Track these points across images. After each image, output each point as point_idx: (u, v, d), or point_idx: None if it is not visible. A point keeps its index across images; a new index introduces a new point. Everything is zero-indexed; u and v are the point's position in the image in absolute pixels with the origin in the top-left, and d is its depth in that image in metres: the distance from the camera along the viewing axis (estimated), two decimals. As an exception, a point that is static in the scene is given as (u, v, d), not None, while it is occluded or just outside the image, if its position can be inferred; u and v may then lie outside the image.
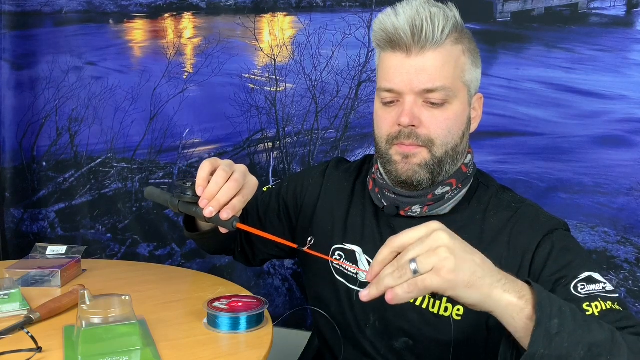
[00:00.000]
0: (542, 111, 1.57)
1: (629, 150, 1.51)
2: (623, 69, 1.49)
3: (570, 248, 0.93)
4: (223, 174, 0.89)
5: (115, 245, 2.06)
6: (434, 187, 0.98)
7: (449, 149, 0.96)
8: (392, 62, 0.95)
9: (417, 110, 0.93)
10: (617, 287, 1.55)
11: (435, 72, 0.92)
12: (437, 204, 0.99)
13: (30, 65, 2.05)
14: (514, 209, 0.99)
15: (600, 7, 1.51)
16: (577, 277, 0.88)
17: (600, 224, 1.55)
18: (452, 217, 0.99)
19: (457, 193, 1.00)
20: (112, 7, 1.98)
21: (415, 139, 0.94)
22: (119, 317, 0.85)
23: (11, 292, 1.00)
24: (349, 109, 1.76)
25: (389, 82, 0.95)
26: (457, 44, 0.95)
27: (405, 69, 0.93)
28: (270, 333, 0.94)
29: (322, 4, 1.76)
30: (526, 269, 0.93)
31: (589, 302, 0.84)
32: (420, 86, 0.92)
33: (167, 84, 1.94)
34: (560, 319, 0.69)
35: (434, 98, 0.93)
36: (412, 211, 0.99)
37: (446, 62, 0.93)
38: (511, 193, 1.04)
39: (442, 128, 0.94)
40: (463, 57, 0.95)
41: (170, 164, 1.98)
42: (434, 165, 0.95)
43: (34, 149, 2.09)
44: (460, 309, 0.95)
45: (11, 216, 2.12)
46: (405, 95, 0.94)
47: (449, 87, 0.93)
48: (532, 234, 0.94)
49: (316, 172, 1.17)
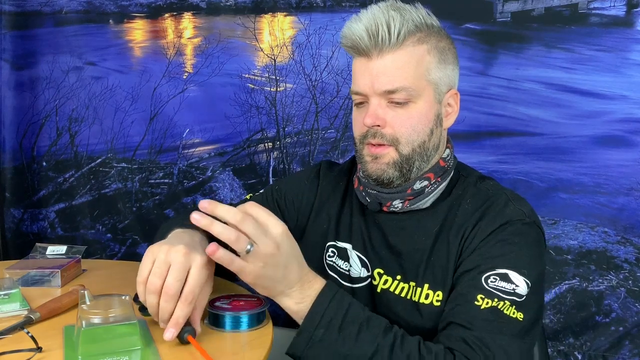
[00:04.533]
0: (542, 111, 1.57)
1: (629, 150, 1.51)
2: (623, 69, 1.50)
3: (513, 242, 0.94)
4: (154, 283, 0.82)
5: (115, 245, 2.06)
6: (411, 182, 1.00)
7: (415, 146, 0.98)
8: (357, 66, 1.00)
9: (381, 110, 0.97)
10: (617, 287, 1.55)
11: (394, 74, 0.95)
12: (417, 198, 1.01)
13: (30, 65, 2.05)
14: (487, 197, 1.00)
15: (600, 7, 1.51)
16: (494, 269, 0.91)
17: (600, 224, 1.55)
18: (434, 210, 1.02)
19: (436, 187, 1.02)
20: (112, 7, 1.98)
21: (381, 138, 0.97)
22: (119, 317, 0.85)
23: (11, 292, 1.00)
24: (349, 109, 1.76)
25: (355, 85, 1.00)
26: (420, 44, 0.97)
27: (367, 72, 0.97)
28: (270, 333, 0.94)
29: (322, 4, 1.76)
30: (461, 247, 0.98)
31: (485, 296, 0.89)
32: (381, 87, 0.96)
33: (167, 84, 1.94)
34: (326, 329, 0.84)
35: (396, 98, 0.96)
36: (394, 206, 1.02)
37: (406, 63, 0.96)
38: (492, 182, 1.05)
39: (406, 127, 0.97)
40: (428, 56, 0.98)
41: (170, 164, 1.98)
42: (402, 162, 0.98)
43: (34, 149, 2.09)
44: (439, 295, 0.98)
45: (11, 216, 2.12)
46: (369, 97, 0.98)
47: (409, 86, 0.96)
48: (491, 223, 0.96)
49: (311, 174, 1.19)
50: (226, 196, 1.94)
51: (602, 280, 1.56)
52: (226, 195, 1.94)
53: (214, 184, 1.95)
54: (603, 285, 1.56)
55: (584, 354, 1.60)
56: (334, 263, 1.09)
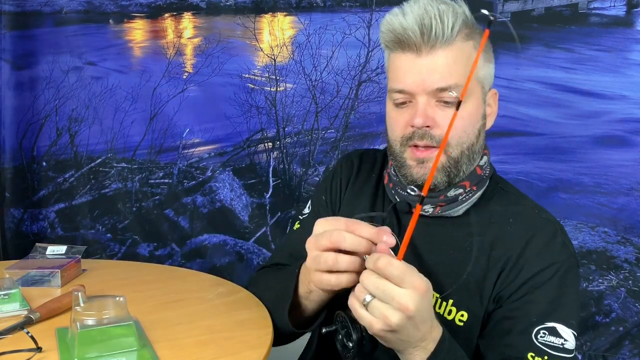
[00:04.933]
0: (542, 111, 1.57)
1: (629, 150, 1.51)
2: (623, 69, 1.49)
3: (561, 288, 0.91)
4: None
5: (115, 245, 2.06)
6: (447, 188, 0.96)
7: (464, 148, 0.93)
8: (402, 63, 0.92)
9: (430, 110, 0.91)
10: (617, 287, 1.55)
11: (447, 71, 0.90)
12: (449, 205, 0.97)
13: (30, 65, 2.05)
14: (533, 223, 0.96)
15: (600, 7, 1.51)
16: (544, 322, 0.89)
17: (600, 224, 1.55)
18: (466, 219, 0.97)
19: (471, 195, 0.97)
20: (112, 7, 1.98)
21: (430, 139, 0.91)
22: (113, 318, 0.85)
23: (11, 292, 1.00)
24: (349, 109, 1.76)
25: (400, 83, 0.92)
26: (468, 40, 0.92)
27: (417, 69, 0.90)
28: (270, 333, 0.94)
29: (322, 4, 1.76)
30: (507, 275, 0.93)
31: (535, 354, 0.87)
32: (432, 86, 0.90)
33: (167, 84, 1.94)
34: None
35: (446, 97, 0.90)
36: (424, 210, 0.97)
37: (458, 60, 0.90)
38: (530, 202, 1.01)
39: (456, 128, 0.91)
40: (474, 52, 0.92)
41: (170, 164, 1.98)
42: (450, 166, 0.93)
43: (34, 149, 2.09)
44: (464, 315, 0.94)
45: (11, 216, 2.12)
46: (417, 95, 0.91)
47: (462, 84, 0.89)
48: (539, 259, 0.92)
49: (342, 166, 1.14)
50: (226, 196, 1.94)
51: (602, 280, 1.56)
52: (226, 196, 1.94)
53: (214, 184, 1.95)
54: (603, 285, 1.56)
55: (584, 354, 1.60)
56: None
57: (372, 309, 0.73)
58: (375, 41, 1.70)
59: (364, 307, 0.74)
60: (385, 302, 0.73)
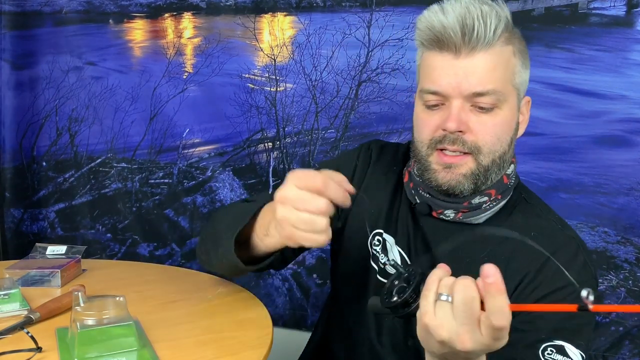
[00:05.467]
0: (542, 111, 1.57)
1: (629, 150, 1.51)
2: (623, 69, 1.49)
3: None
4: None
5: (115, 245, 2.06)
6: (472, 195, 0.92)
7: (496, 157, 0.90)
8: (439, 63, 0.88)
9: (464, 115, 0.87)
10: (617, 287, 1.55)
11: (485, 75, 0.86)
12: (472, 212, 0.94)
13: (30, 65, 2.05)
14: (555, 240, 0.92)
15: (600, 7, 1.51)
16: (552, 340, 0.85)
17: (600, 224, 1.55)
18: (487, 228, 0.95)
19: (495, 204, 0.94)
20: (112, 7, 1.98)
21: (462, 145, 0.88)
22: (113, 318, 0.85)
23: (11, 292, 1.00)
24: (349, 109, 1.76)
25: (435, 84, 0.88)
26: (508, 45, 0.89)
27: (453, 71, 0.87)
28: (270, 333, 0.94)
29: (322, 4, 1.76)
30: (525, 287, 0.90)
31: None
32: (469, 89, 0.86)
33: (167, 84, 1.94)
34: None
35: (483, 102, 0.87)
36: (445, 215, 0.95)
37: (497, 64, 0.87)
38: (554, 216, 0.98)
39: (490, 135, 0.88)
40: (514, 58, 0.90)
41: (170, 164, 1.98)
42: (479, 174, 0.90)
43: (34, 149, 2.09)
44: None
45: (11, 216, 2.12)
46: (452, 98, 0.87)
47: (500, 90, 0.87)
48: (556, 278, 0.89)
49: (361, 152, 1.10)
50: (226, 196, 1.94)
51: (602, 280, 1.56)
52: (226, 196, 1.94)
53: (213, 184, 1.95)
54: (603, 285, 1.56)
55: (584, 354, 1.60)
56: (378, 254, 1.01)
57: (441, 309, 0.66)
58: (375, 41, 1.70)
59: (434, 302, 0.66)
60: (462, 322, 0.64)
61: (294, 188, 0.77)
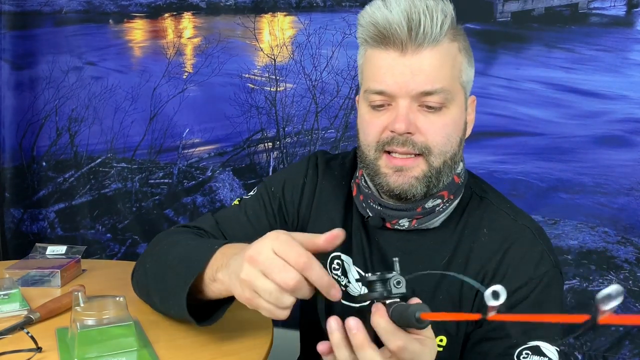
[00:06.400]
0: (542, 111, 1.57)
1: (629, 150, 1.51)
2: (623, 69, 1.49)
3: (543, 303, 0.86)
4: None
5: (115, 245, 2.06)
6: (424, 199, 0.89)
7: (447, 157, 0.86)
8: (384, 61, 0.84)
9: (412, 115, 0.83)
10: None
11: (433, 73, 0.82)
12: (426, 217, 0.90)
13: (30, 65, 2.05)
14: (508, 232, 0.89)
15: (600, 7, 1.51)
16: (526, 342, 0.83)
17: (600, 224, 1.55)
18: (443, 232, 0.91)
19: (448, 205, 0.91)
20: (112, 7, 1.98)
21: (411, 146, 0.84)
22: (113, 318, 0.85)
23: (11, 292, 1.00)
24: (348, 109, 1.76)
25: (380, 83, 0.84)
26: (454, 42, 0.86)
27: (399, 70, 0.83)
28: (270, 333, 0.94)
29: (322, 4, 1.76)
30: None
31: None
32: (417, 88, 0.82)
33: (167, 84, 1.94)
34: None
35: (431, 101, 0.83)
36: (400, 224, 0.91)
37: (444, 62, 0.84)
38: (505, 206, 0.94)
39: (440, 135, 0.85)
40: (459, 55, 0.87)
41: (170, 164, 1.98)
42: (431, 176, 0.86)
43: (33, 149, 2.09)
44: (443, 340, 0.89)
45: (11, 216, 2.12)
46: (398, 98, 0.83)
47: (448, 89, 0.84)
48: (517, 274, 0.87)
49: (307, 169, 1.04)
50: (226, 196, 1.94)
51: (602, 280, 1.56)
52: (226, 196, 1.94)
53: (213, 184, 1.95)
54: (603, 285, 1.56)
55: (584, 354, 1.60)
56: (339, 277, 0.96)
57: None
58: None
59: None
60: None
61: (270, 252, 0.67)
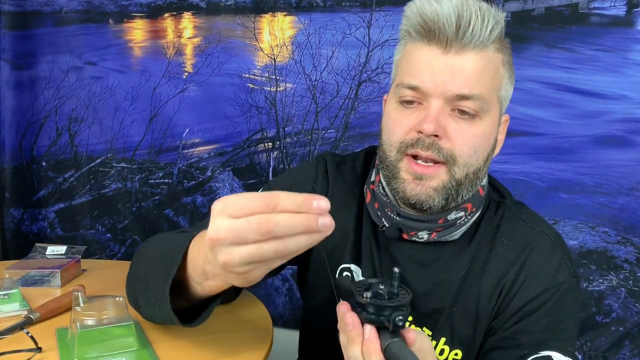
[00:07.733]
0: (542, 111, 1.57)
1: (629, 150, 1.51)
2: (623, 69, 1.49)
3: (558, 313, 0.83)
4: None
5: (115, 245, 2.06)
6: (447, 211, 0.84)
7: (470, 171, 0.81)
8: (424, 57, 0.78)
9: (443, 118, 0.78)
10: (617, 287, 1.55)
11: (473, 77, 0.77)
12: (447, 230, 0.86)
13: (30, 65, 2.05)
14: (527, 240, 0.86)
15: (600, 7, 1.51)
16: (538, 352, 0.80)
17: (600, 224, 1.55)
18: (460, 244, 0.88)
19: (470, 218, 0.87)
20: (112, 7, 1.98)
21: (437, 152, 0.79)
22: (112, 318, 0.85)
23: (11, 292, 1.00)
24: (349, 109, 1.76)
25: (415, 78, 0.79)
26: (499, 53, 0.81)
27: (439, 67, 0.77)
28: (270, 333, 0.94)
29: (322, 3, 1.76)
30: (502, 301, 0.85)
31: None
32: (454, 90, 0.77)
33: (167, 83, 1.94)
34: None
35: (466, 107, 0.78)
36: (418, 237, 0.86)
37: (487, 69, 0.79)
38: (524, 211, 0.90)
39: (468, 145, 0.79)
40: (502, 68, 0.82)
41: (170, 164, 1.98)
42: (451, 188, 0.81)
43: (33, 149, 2.09)
44: (458, 354, 0.86)
45: (11, 216, 2.12)
46: (431, 98, 0.78)
47: (485, 97, 0.78)
48: (534, 283, 0.84)
49: (316, 173, 0.97)
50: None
51: (602, 280, 1.56)
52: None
53: (213, 184, 1.95)
54: (603, 285, 1.56)
55: (584, 354, 1.59)
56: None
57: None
58: (375, 41, 1.70)
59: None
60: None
61: (227, 220, 0.58)
